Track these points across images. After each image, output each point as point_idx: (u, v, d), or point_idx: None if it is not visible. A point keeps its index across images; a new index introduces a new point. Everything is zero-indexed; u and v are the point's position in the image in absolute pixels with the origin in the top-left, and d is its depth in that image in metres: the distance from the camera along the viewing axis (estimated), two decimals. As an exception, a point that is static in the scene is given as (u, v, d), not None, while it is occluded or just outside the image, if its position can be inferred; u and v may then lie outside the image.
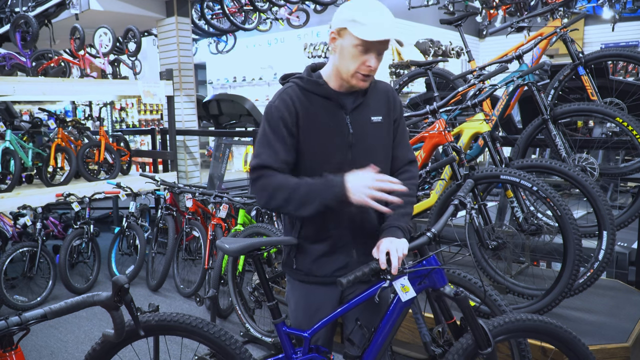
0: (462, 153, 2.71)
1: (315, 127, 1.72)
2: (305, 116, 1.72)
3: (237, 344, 1.81)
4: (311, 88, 1.74)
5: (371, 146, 1.76)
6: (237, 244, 1.85)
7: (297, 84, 1.75)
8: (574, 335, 1.79)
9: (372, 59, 1.64)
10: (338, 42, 1.67)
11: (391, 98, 1.83)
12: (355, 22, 1.59)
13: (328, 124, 1.72)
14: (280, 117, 1.69)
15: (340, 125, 1.73)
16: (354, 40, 1.61)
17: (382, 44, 1.63)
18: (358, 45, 1.62)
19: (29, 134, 5.12)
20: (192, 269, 4.77)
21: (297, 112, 1.70)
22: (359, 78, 1.67)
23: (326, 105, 1.73)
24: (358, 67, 1.65)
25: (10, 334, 1.30)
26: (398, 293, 1.73)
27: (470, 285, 2.08)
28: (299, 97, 1.73)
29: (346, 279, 1.61)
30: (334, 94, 1.73)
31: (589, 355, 1.79)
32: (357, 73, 1.66)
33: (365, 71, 1.65)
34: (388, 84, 1.88)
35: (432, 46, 10.66)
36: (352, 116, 1.74)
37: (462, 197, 1.82)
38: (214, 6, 7.57)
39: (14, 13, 5.73)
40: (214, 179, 6.36)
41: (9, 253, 4.19)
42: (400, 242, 1.65)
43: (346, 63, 1.66)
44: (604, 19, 9.21)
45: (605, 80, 3.41)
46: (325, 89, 1.73)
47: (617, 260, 3.70)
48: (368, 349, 1.79)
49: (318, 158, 1.73)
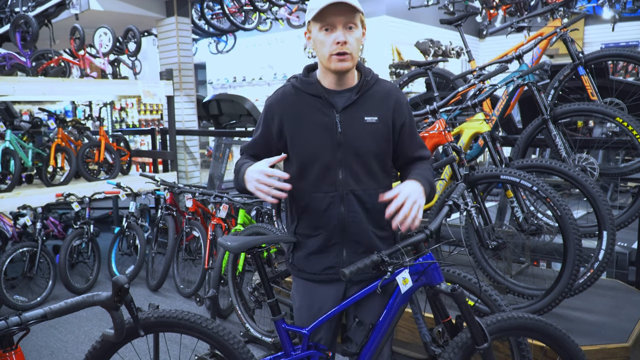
0: (462, 153, 2.71)
1: (304, 125, 1.74)
2: (293, 115, 1.74)
3: (236, 339, 1.81)
4: (303, 87, 1.76)
5: (362, 146, 1.73)
6: (238, 241, 1.91)
7: (293, 84, 1.79)
8: (564, 333, 1.82)
9: (339, 34, 1.63)
10: (311, 38, 1.72)
11: (393, 99, 1.79)
12: (310, 10, 1.66)
13: (317, 122, 1.73)
14: (266, 113, 1.80)
15: (329, 124, 1.73)
16: (316, 25, 1.67)
17: (341, 14, 1.62)
18: (321, 27, 1.65)
19: (29, 134, 5.12)
20: (192, 269, 4.77)
21: (285, 110, 1.76)
22: (335, 59, 1.66)
23: (316, 104, 1.74)
24: (330, 49, 1.65)
25: (10, 334, 1.30)
26: (399, 285, 1.75)
27: (466, 283, 2.08)
28: (292, 95, 1.77)
29: (349, 269, 1.62)
30: (324, 92, 1.74)
31: (579, 352, 1.82)
32: (331, 55, 1.66)
33: (337, 49, 1.64)
34: (393, 84, 1.86)
35: (432, 46, 10.66)
36: (342, 115, 1.73)
37: (455, 198, 1.84)
38: (214, 6, 7.57)
39: (14, 13, 5.73)
40: (214, 179, 6.36)
41: (9, 253, 4.19)
42: (420, 196, 1.64)
43: (321, 51, 1.68)
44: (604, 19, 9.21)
45: (605, 80, 3.41)
46: (316, 87, 1.74)
47: (617, 260, 3.70)
48: (366, 346, 1.81)
49: (307, 157, 1.74)
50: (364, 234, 1.78)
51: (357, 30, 1.67)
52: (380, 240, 1.81)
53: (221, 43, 9.92)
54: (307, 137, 1.73)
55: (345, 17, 1.63)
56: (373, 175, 1.77)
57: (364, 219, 1.77)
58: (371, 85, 1.78)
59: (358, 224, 1.77)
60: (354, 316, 1.86)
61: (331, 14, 1.62)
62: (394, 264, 1.70)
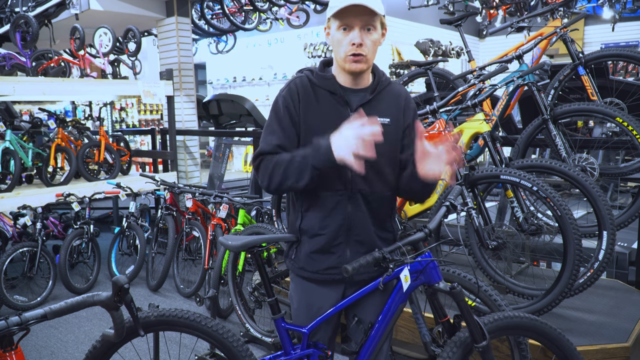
0: (462, 153, 2.71)
1: (317, 120, 1.72)
2: (307, 108, 1.73)
3: (235, 338, 1.82)
4: (319, 81, 1.75)
5: (375, 147, 1.73)
6: (239, 240, 1.92)
7: (308, 76, 1.77)
8: (560, 332, 1.83)
9: (356, 35, 1.63)
10: (330, 35, 1.71)
11: (404, 102, 1.79)
12: (331, 8, 1.66)
13: (330, 118, 1.71)
14: (286, 106, 1.73)
15: (343, 122, 1.69)
16: (335, 23, 1.66)
17: (360, 15, 1.62)
18: (339, 26, 1.65)
19: (29, 134, 5.12)
20: (192, 269, 4.77)
21: (299, 101, 1.73)
22: (350, 60, 1.66)
23: (331, 100, 1.73)
24: (346, 49, 1.65)
25: (10, 334, 1.30)
26: (401, 282, 1.76)
27: (465, 283, 2.08)
28: (306, 87, 1.75)
29: (351, 265, 1.62)
30: (340, 89, 1.73)
31: (575, 351, 1.83)
32: (347, 56, 1.66)
33: (352, 50, 1.64)
34: (404, 87, 1.86)
35: (432, 46, 10.67)
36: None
37: (452, 199, 1.85)
38: (214, 6, 7.58)
39: (14, 13, 5.73)
40: (214, 179, 6.37)
41: (9, 253, 4.19)
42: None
43: (337, 50, 1.68)
44: (604, 19, 9.22)
45: (605, 80, 3.41)
46: (332, 83, 1.74)
47: (617, 260, 3.70)
48: (365, 345, 1.81)
49: None
50: (367, 235, 1.78)
51: (375, 32, 1.66)
52: (382, 241, 1.82)
53: (221, 43, 9.92)
54: (319, 133, 1.70)
55: (364, 18, 1.63)
56: (382, 177, 1.76)
57: (369, 220, 1.78)
58: (384, 86, 1.78)
59: (363, 224, 1.77)
60: (353, 315, 1.86)
61: (350, 14, 1.62)
62: (395, 261, 1.70)
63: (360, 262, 1.64)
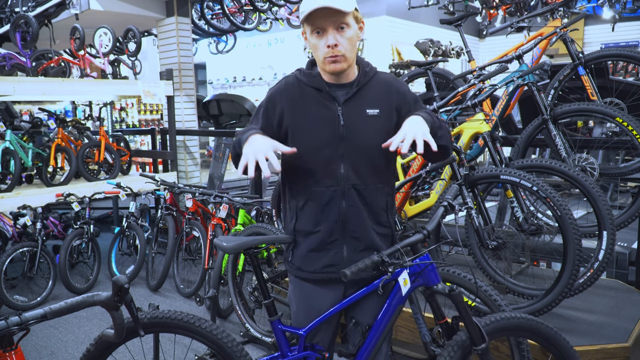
0: (462, 153, 2.71)
1: (306, 118, 1.73)
2: (295, 105, 1.74)
3: (230, 338, 1.80)
4: (305, 80, 1.76)
5: (364, 139, 1.72)
6: (234, 242, 1.89)
7: (296, 76, 1.79)
8: (557, 333, 1.83)
9: (330, 38, 1.63)
10: (307, 39, 1.72)
11: (393, 89, 1.78)
12: (301, 13, 1.66)
13: (318, 115, 1.72)
14: (268, 102, 1.79)
15: (331, 117, 1.72)
16: (308, 28, 1.67)
17: (329, 17, 1.61)
18: (312, 30, 1.66)
19: (29, 134, 5.12)
20: (192, 269, 4.77)
21: (287, 100, 1.75)
22: (328, 62, 1.67)
23: (318, 97, 1.74)
24: (323, 52, 1.66)
25: (10, 334, 1.30)
26: (400, 285, 1.75)
27: (465, 283, 2.08)
28: (294, 86, 1.77)
29: (350, 270, 1.62)
30: (325, 86, 1.74)
31: (571, 350, 1.84)
32: (325, 58, 1.67)
33: (329, 52, 1.65)
34: (390, 74, 1.84)
35: (432, 46, 10.66)
36: (344, 108, 1.72)
37: (449, 199, 1.85)
38: (214, 6, 7.57)
39: (14, 13, 5.73)
40: (214, 179, 6.36)
41: (9, 253, 4.19)
42: (419, 122, 1.62)
43: (316, 54, 1.70)
44: (604, 19, 9.21)
45: (605, 80, 3.41)
46: (317, 80, 1.75)
47: (617, 260, 3.70)
48: (363, 346, 1.81)
49: (308, 150, 1.72)
50: (363, 230, 1.76)
51: (349, 29, 1.66)
52: (379, 236, 1.80)
53: (221, 43, 9.92)
54: (308, 130, 1.72)
55: (335, 19, 1.62)
56: (375, 170, 1.75)
57: (364, 215, 1.76)
58: (370, 77, 1.77)
59: (358, 219, 1.75)
60: (351, 317, 1.85)
61: (320, 18, 1.62)
62: (394, 264, 1.70)
63: (358, 266, 1.64)
